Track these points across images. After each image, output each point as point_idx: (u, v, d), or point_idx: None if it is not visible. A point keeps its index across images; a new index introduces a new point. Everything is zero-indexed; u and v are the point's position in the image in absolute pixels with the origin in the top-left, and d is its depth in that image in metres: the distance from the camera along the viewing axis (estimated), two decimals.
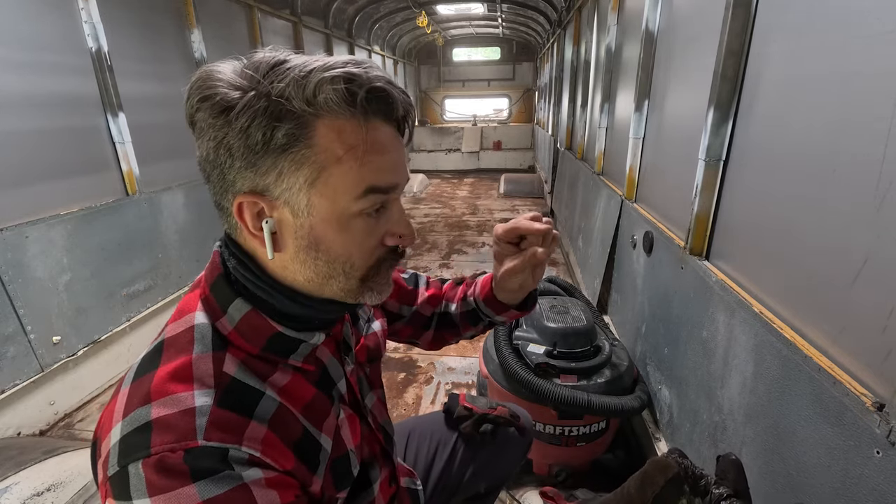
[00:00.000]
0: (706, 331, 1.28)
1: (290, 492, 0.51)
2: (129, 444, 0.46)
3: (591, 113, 3.62)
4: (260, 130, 0.46)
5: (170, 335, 0.53)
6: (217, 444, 0.46)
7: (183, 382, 0.48)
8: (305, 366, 0.57)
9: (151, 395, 0.47)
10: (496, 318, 0.88)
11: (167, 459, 0.44)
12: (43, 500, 1.58)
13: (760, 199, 1.15)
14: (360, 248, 0.54)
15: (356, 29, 6.39)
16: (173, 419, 0.46)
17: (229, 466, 0.46)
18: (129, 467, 0.45)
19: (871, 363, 0.77)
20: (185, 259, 2.90)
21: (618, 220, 2.37)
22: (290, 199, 0.50)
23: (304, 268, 0.53)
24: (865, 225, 0.79)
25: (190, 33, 3.07)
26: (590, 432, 1.56)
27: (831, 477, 0.78)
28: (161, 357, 0.51)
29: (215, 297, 0.54)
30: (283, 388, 0.54)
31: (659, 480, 0.67)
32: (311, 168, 0.48)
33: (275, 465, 0.49)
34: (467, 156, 9.82)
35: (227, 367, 0.51)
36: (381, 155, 0.51)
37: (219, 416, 0.47)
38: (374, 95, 0.49)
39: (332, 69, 0.47)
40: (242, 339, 0.53)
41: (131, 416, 0.47)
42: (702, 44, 1.46)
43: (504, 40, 10.08)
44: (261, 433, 0.50)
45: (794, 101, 1.03)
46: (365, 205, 0.51)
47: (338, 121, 0.48)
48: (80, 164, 2.29)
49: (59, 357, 2.09)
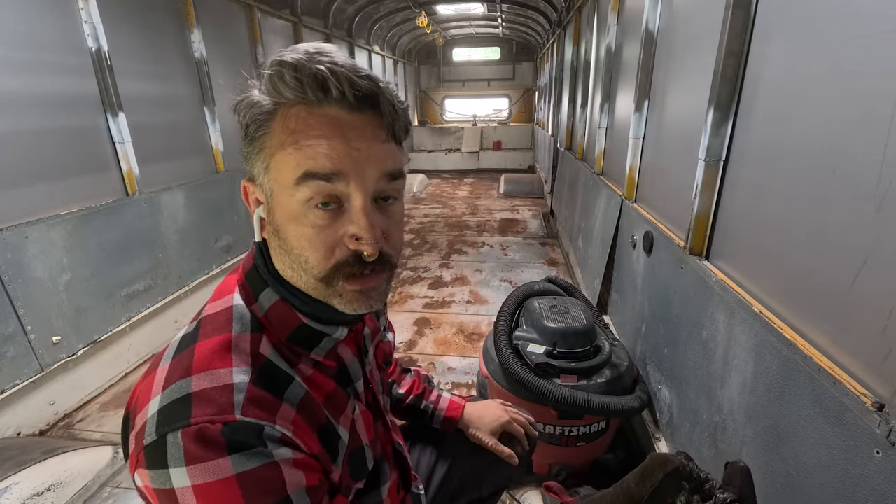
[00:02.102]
0: (706, 331, 1.28)
1: (315, 475, 0.52)
2: (169, 414, 0.47)
3: (590, 113, 3.62)
4: (244, 122, 0.52)
5: (208, 313, 0.55)
6: (253, 420, 0.48)
7: (222, 359, 0.50)
8: (326, 361, 0.59)
9: (192, 369, 0.49)
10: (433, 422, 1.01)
11: (206, 430, 0.45)
12: (43, 500, 1.58)
13: (760, 199, 1.15)
14: (311, 244, 0.51)
15: (356, 29, 6.39)
16: (213, 393, 0.48)
17: (263, 443, 0.47)
18: (167, 436, 0.46)
19: (871, 363, 0.77)
20: (185, 259, 2.90)
21: (618, 220, 2.37)
22: (263, 185, 0.53)
23: (279, 259, 0.55)
24: (865, 225, 0.79)
25: (190, 33, 3.06)
26: (590, 432, 1.56)
27: (831, 477, 0.78)
28: (199, 333, 0.53)
29: (249, 284, 0.57)
30: (308, 378, 0.56)
31: (658, 474, 0.67)
32: (266, 154, 0.51)
33: (303, 447, 0.51)
34: (467, 156, 9.82)
35: (262, 349, 0.53)
36: (323, 138, 0.48)
37: (255, 394, 0.49)
38: (320, 79, 0.48)
39: (280, 59, 0.48)
40: (272, 327, 0.55)
41: (171, 388, 0.48)
42: (702, 44, 1.46)
43: (504, 40, 10.07)
44: (291, 415, 0.51)
45: (795, 100, 1.03)
46: (306, 192, 0.49)
47: (292, 108, 0.49)
48: (79, 164, 2.29)
49: (58, 357, 2.09)
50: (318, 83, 0.48)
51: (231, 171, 3.40)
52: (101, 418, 2.12)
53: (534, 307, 1.67)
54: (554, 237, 4.78)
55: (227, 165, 3.36)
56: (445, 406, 1.02)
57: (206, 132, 3.26)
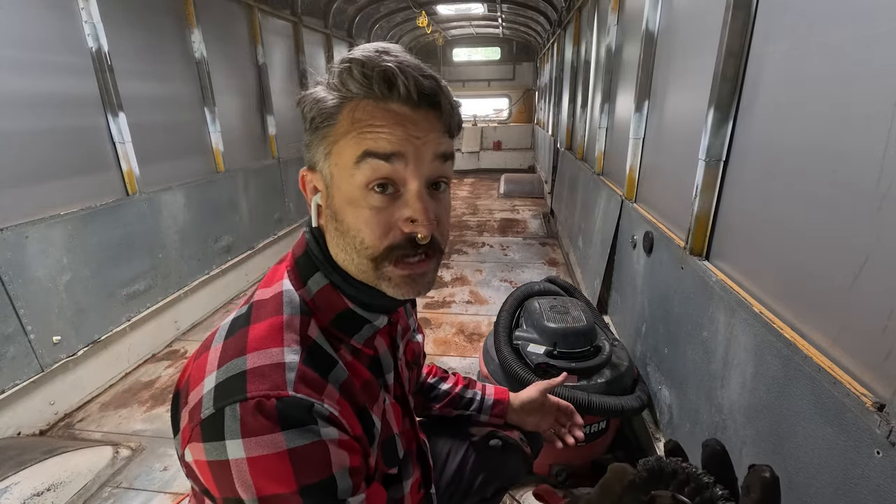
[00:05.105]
0: (706, 331, 1.28)
1: (357, 457, 0.54)
2: (226, 389, 0.49)
3: (591, 113, 3.62)
4: (310, 112, 0.55)
5: (259, 298, 0.58)
6: (304, 397, 0.50)
7: (274, 339, 0.53)
8: (365, 349, 0.62)
9: (247, 349, 0.52)
10: (481, 417, 1.03)
11: (263, 404, 0.48)
12: (43, 500, 1.58)
13: (760, 199, 1.15)
14: (367, 225, 0.54)
15: (356, 29, 6.39)
16: (267, 370, 0.50)
17: (313, 420, 0.49)
18: (225, 409, 0.48)
19: (871, 363, 0.77)
20: (185, 259, 2.90)
21: (618, 221, 2.38)
22: (323, 171, 0.56)
23: (334, 242, 0.58)
24: (865, 225, 0.79)
25: (190, 33, 3.06)
26: (590, 432, 1.56)
27: (831, 477, 0.78)
28: (252, 316, 0.56)
29: (299, 271, 0.60)
30: (349, 363, 0.59)
31: (616, 488, 0.64)
32: (329, 140, 0.55)
33: (347, 428, 0.53)
34: (467, 156, 9.82)
35: (311, 331, 0.56)
36: (386, 127, 0.52)
37: (304, 373, 0.52)
38: (387, 76, 0.51)
39: (350, 56, 0.53)
40: (318, 311, 0.58)
41: (227, 366, 0.51)
42: (702, 44, 1.46)
43: (504, 40, 10.07)
44: (335, 395, 0.54)
45: (795, 101, 1.03)
46: (366, 172, 0.52)
47: (358, 102, 0.53)
48: (80, 164, 2.29)
49: (59, 357, 2.09)
50: (384, 79, 0.52)
51: (231, 170, 3.40)
52: (101, 418, 2.12)
53: (534, 307, 1.67)
54: (554, 237, 4.78)
55: (227, 165, 3.36)
56: (492, 392, 1.03)
57: (206, 132, 3.25)
